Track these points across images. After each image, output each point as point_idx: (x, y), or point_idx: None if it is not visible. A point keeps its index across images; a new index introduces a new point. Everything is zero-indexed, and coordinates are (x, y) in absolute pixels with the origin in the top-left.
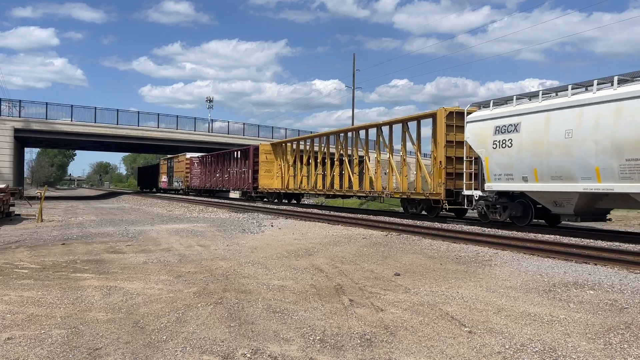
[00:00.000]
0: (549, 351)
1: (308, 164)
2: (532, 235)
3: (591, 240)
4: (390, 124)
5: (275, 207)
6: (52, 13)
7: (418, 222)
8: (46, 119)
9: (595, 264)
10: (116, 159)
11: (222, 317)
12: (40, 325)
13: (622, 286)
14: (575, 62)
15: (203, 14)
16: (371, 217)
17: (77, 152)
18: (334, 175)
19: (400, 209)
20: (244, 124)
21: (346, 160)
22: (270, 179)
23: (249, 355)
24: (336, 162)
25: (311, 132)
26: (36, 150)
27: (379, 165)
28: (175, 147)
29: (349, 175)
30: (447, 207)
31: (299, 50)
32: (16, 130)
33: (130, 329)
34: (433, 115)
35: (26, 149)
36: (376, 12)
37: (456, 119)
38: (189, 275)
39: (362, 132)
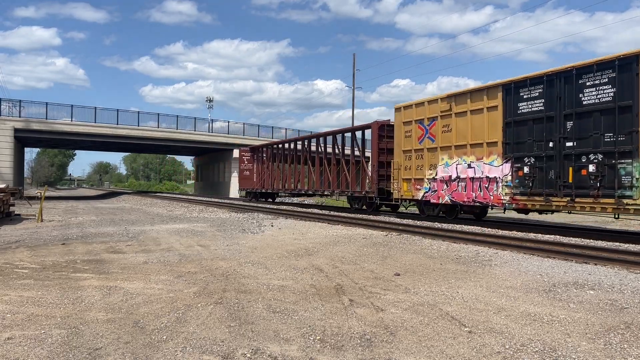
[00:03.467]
0: (549, 351)
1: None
2: (532, 235)
3: (591, 240)
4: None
5: (275, 207)
6: (54, 13)
7: (418, 222)
8: (46, 118)
9: (595, 264)
10: (116, 159)
11: (222, 317)
12: (40, 325)
13: (622, 286)
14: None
15: (205, 14)
16: (371, 217)
17: (77, 152)
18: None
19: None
20: (244, 124)
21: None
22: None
23: (249, 355)
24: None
25: (311, 132)
26: (36, 150)
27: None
28: (175, 147)
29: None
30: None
31: (301, 50)
32: (16, 130)
33: (130, 329)
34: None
35: (26, 149)
36: (378, 12)
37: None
38: (189, 275)
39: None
